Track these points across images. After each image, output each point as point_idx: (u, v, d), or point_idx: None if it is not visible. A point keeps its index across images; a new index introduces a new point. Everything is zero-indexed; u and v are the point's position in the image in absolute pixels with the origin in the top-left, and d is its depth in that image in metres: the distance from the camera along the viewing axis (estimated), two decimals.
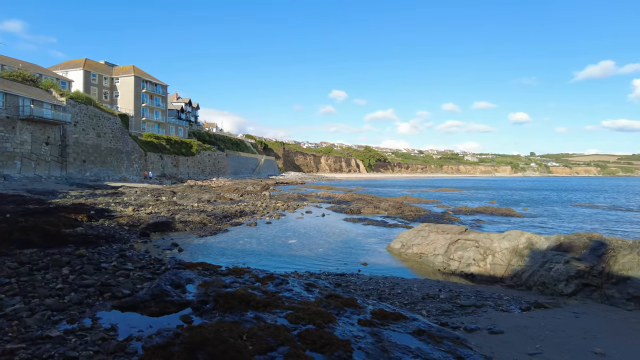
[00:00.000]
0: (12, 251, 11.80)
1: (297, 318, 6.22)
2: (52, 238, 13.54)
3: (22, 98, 42.34)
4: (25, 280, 8.40)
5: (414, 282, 9.90)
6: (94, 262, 10.68)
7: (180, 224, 18.39)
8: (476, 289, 9.58)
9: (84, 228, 16.04)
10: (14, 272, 9.03)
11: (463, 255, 11.48)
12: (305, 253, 13.68)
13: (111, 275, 9.37)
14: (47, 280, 8.63)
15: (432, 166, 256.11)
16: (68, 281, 8.55)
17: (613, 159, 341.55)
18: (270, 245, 14.84)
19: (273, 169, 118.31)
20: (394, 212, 25.55)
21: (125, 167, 59.74)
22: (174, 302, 7.15)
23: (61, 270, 9.48)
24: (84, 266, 9.95)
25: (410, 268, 12.04)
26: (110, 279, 8.94)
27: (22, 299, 7.25)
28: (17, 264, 9.92)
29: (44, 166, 45.33)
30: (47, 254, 11.50)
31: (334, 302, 7.23)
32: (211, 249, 14.08)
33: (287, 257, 13.02)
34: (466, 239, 11.89)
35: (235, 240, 15.80)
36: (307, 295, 7.84)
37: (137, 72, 72.54)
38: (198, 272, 10.17)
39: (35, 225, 13.97)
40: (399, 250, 13.53)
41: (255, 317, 6.36)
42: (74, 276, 8.96)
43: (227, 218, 21.59)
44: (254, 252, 13.66)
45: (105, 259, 11.33)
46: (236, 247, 14.50)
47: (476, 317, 7.25)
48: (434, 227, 13.80)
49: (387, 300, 8.23)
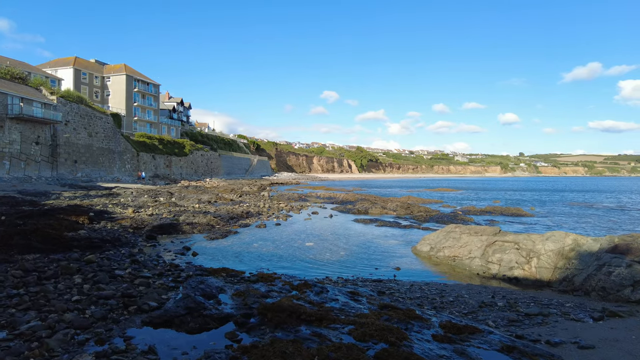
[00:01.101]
0: (13, 257, 10.79)
1: (364, 335, 5.41)
2: (54, 242, 12.54)
3: (11, 96, 40.80)
4: (35, 292, 7.46)
5: (460, 288, 9.15)
6: (106, 269, 9.75)
7: (187, 225, 17.44)
8: (528, 294, 8.87)
9: (86, 231, 15.02)
10: (20, 281, 8.08)
11: (502, 258, 10.77)
12: (327, 257, 12.85)
13: (129, 284, 8.46)
14: (60, 290, 7.70)
15: (423, 166, 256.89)
16: (84, 292, 7.64)
17: (600, 159, 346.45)
18: (287, 249, 13.99)
19: (266, 169, 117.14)
20: (403, 213, 24.84)
21: (118, 168, 58.24)
22: (212, 316, 6.28)
23: (73, 278, 8.54)
24: (96, 274, 9.02)
25: (445, 272, 11.29)
26: (130, 289, 8.03)
27: (38, 314, 6.32)
28: (22, 272, 8.95)
29: (34, 166, 43.78)
30: (53, 260, 10.53)
31: (393, 314, 6.43)
32: (226, 252, 13.18)
33: (309, 262, 12.19)
34: (504, 240, 11.19)
35: (249, 243, 14.92)
36: (358, 306, 7.03)
37: (128, 71, 70.97)
38: (224, 279, 9.30)
39: (36, 228, 12.94)
40: (427, 253, 12.77)
41: (314, 334, 5.53)
42: (88, 286, 8.04)
43: (234, 219, 20.67)
44: (273, 256, 12.80)
45: (118, 265, 10.40)
46: (252, 250, 13.62)
47: (550, 327, 6.52)
48: (464, 228, 13.08)
49: (442, 309, 7.46)
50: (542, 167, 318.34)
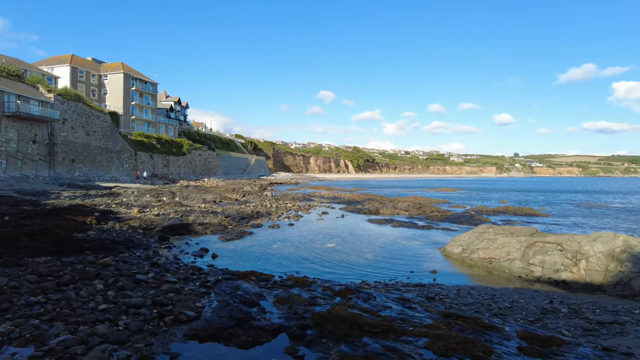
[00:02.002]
0: (23, 260, 10.04)
1: (446, 349, 4.75)
2: (64, 244, 11.78)
3: (7, 94, 39.77)
4: (57, 299, 6.73)
5: (509, 292, 8.53)
6: (126, 273, 9.02)
7: (199, 226, 16.71)
8: (586, 299, 8.27)
9: (95, 232, 14.28)
10: (38, 287, 7.34)
11: (545, 260, 10.16)
12: (354, 259, 12.19)
13: (156, 290, 7.74)
14: (83, 298, 6.98)
15: (419, 167, 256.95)
16: (110, 299, 6.91)
17: (593, 159, 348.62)
18: (309, 250, 13.32)
19: (263, 169, 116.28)
20: (415, 213, 24.21)
21: (116, 167, 57.24)
22: (263, 327, 5.60)
23: (93, 284, 7.81)
24: (117, 279, 8.30)
25: (483, 275, 10.66)
26: (159, 296, 7.32)
27: (65, 326, 5.60)
28: (36, 277, 8.22)
29: (31, 165, 42.75)
30: (66, 264, 9.79)
31: (463, 323, 5.78)
32: (246, 254, 12.49)
33: (337, 264, 11.52)
34: (545, 241, 10.59)
35: (267, 244, 14.23)
36: (417, 315, 6.37)
37: (126, 70, 69.89)
38: (256, 284, 8.61)
39: (44, 229, 12.19)
40: (460, 255, 12.15)
41: (386, 349, 4.87)
42: (113, 292, 7.32)
43: (245, 220, 19.96)
44: (296, 258, 12.13)
45: (137, 269, 9.66)
46: (272, 252, 12.94)
47: (633, 338, 5.90)
48: (498, 228, 12.47)
49: (504, 316, 6.84)
50: (537, 168, 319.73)
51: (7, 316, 5.93)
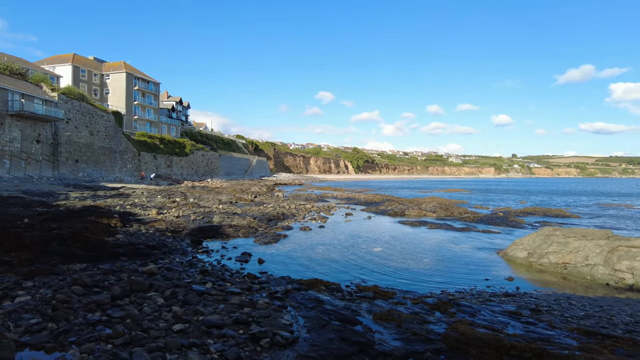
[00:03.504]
0: (56, 267, 9.02)
1: None
2: (97, 249, 10.77)
3: (11, 92, 38.55)
4: (119, 317, 5.72)
5: (616, 304, 7.61)
6: (180, 283, 8.04)
7: (229, 228, 15.72)
8: None
9: (123, 235, 13.23)
10: (91, 302, 6.34)
11: (634, 266, 9.26)
12: (413, 265, 11.24)
13: (225, 304, 6.76)
14: (148, 315, 5.97)
15: (418, 167, 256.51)
16: (180, 316, 5.93)
17: (591, 160, 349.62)
18: (357, 255, 12.37)
19: (265, 170, 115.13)
20: (443, 214, 23.29)
21: (119, 168, 56.02)
22: (390, 353, 4.62)
23: (152, 298, 6.82)
24: (174, 290, 7.32)
25: (561, 282, 9.75)
26: (234, 312, 6.34)
27: (149, 354, 4.61)
28: (81, 288, 7.23)
29: (35, 166, 41.51)
30: (106, 272, 8.79)
31: (620, 345, 4.84)
32: (292, 259, 11.53)
33: (396, 270, 10.57)
34: (630, 245, 9.70)
35: (308, 248, 13.27)
36: (548, 332, 5.42)
37: (128, 69, 68.66)
38: (328, 294, 7.64)
39: (73, 233, 11.17)
40: (526, 260, 11.23)
41: None
42: (179, 308, 6.34)
43: (272, 221, 18.99)
44: (347, 264, 11.19)
45: (187, 277, 8.68)
46: (317, 256, 11.99)
47: None
48: (567, 231, 11.58)
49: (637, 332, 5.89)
50: (535, 169, 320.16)
51: (72, 339, 4.94)
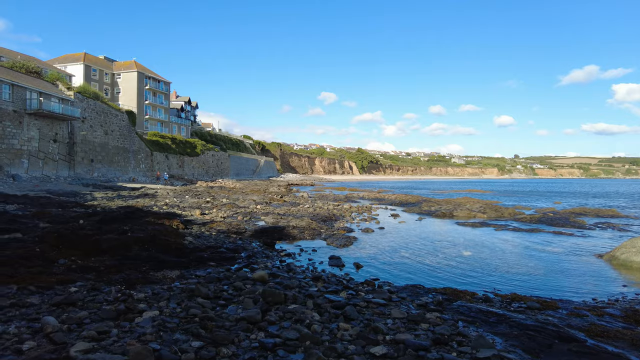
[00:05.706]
0: (148, 274, 8.15)
1: None
2: (179, 253, 9.90)
3: (29, 90, 37.68)
4: (295, 339, 4.84)
5: None
6: (309, 292, 7.20)
7: (294, 230, 14.87)
8: None
9: (192, 238, 12.32)
10: (244, 320, 5.44)
11: None
12: (522, 270, 10.36)
13: (393, 319, 5.87)
14: (319, 334, 5.11)
15: (421, 168, 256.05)
16: (366, 336, 5.06)
17: (594, 161, 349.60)
18: (453, 260, 11.50)
19: (272, 170, 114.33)
20: (494, 215, 22.38)
21: (132, 167, 55.13)
22: None
23: (305, 312, 5.90)
24: (317, 302, 6.46)
25: None
26: (416, 329, 5.46)
27: None
28: (206, 301, 6.38)
29: (52, 165, 40.63)
30: (210, 280, 7.94)
31: None
32: (388, 264, 10.71)
33: (510, 277, 9.69)
34: None
35: (391, 251, 12.45)
36: None
37: (139, 68, 67.82)
38: (487, 305, 6.77)
39: (152, 236, 10.27)
40: None
41: None
42: (350, 327, 5.42)
43: (327, 222, 18.12)
44: (450, 270, 10.33)
45: (307, 285, 7.80)
46: (410, 262, 11.13)
47: None
48: None
49: None
50: (538, 169, 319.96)
51: None
